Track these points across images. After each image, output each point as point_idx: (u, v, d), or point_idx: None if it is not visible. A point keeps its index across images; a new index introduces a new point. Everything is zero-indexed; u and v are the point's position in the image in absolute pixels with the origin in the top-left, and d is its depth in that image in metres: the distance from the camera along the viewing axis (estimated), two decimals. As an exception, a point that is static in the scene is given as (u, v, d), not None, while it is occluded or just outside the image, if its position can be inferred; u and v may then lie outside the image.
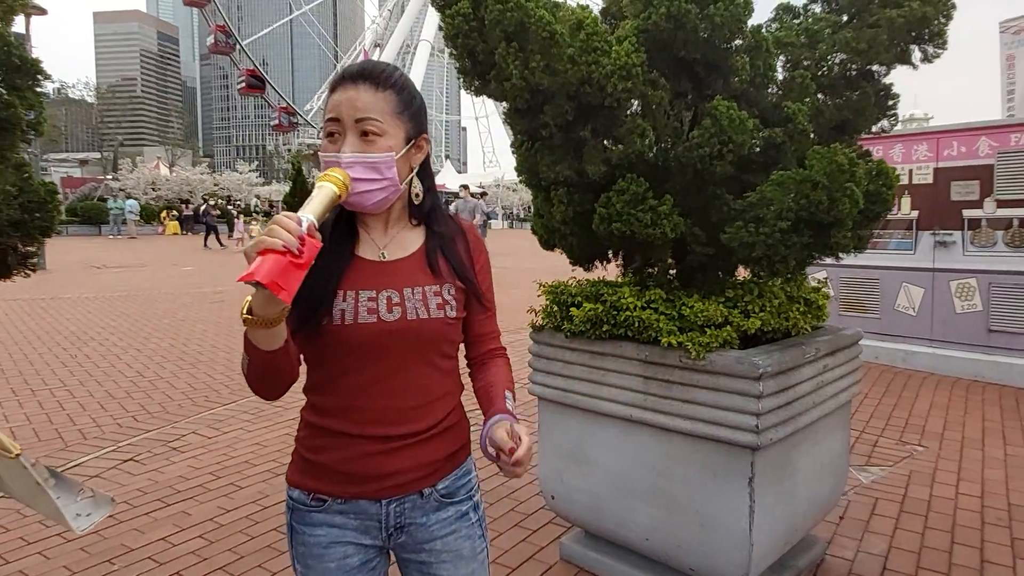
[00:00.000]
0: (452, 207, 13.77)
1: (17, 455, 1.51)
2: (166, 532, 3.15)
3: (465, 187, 15.70)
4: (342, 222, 1.30)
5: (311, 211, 1.05)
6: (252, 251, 0.97)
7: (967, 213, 6.18)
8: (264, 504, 3.47)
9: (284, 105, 66.87)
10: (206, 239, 26.09)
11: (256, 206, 38.98)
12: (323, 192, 1.10)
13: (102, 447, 4.30)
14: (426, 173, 1.35)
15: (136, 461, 4.07)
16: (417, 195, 1.32)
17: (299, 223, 0.99)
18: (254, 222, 27.61)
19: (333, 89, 1.24)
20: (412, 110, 1.27)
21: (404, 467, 1.27)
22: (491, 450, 1.25)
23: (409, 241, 1.33)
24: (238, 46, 62.83)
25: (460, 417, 1.38)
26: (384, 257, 1.30)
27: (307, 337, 1.23)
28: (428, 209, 1.35)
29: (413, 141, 1.28)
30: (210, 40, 62.41)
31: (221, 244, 25.77)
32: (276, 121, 66.97)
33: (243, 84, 63.24)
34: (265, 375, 1.14)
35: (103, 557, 2.93)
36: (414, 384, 1.28)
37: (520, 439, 1.21)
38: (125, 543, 3.05)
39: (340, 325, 1.21)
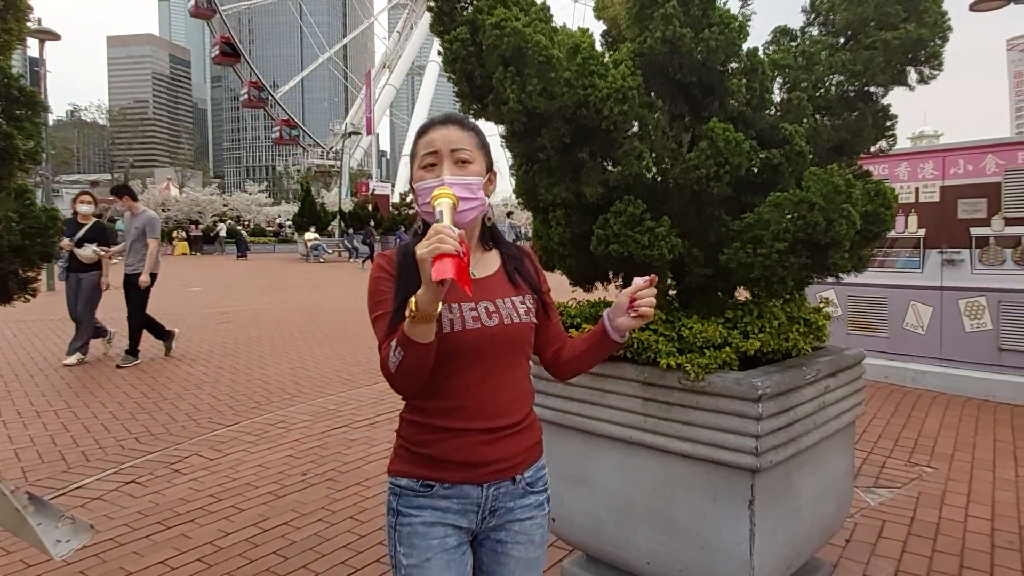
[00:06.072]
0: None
1: None
2: (165, 555, 3.14)
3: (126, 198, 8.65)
4: None
5: (448, 222, 1.24)
6: (429, 256, 1.17)
7: (975, 231, 6.14)
8: (264, 527, 3.46)
9: (254, 80, 68.41)
10: (364, 261, 27.77)
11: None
12: (447, 206, 1.29)
13: (104, 469, 4.30)
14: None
15: (138, 483, 4.06)
16: (489, 218, 1.60)
17: (454, 234, 1.18)
18: None
19: (423, 133, 1.50)
20: (486, 149, 1.54)
21: (503, 455, 1.49)
22: (619, 319, 1.51)
23: (489, 262, 1.58)
24: (218, 13, 64.52)
25: (535, 416, 1.63)
26: (475, 276, 1.48)
27: None
28: (492, 234, 1.62)
29: (488, 174, 1.55)
30: (191, 4, 64.26)
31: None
32: (246, 95, 68.33)
33: (217, 52, 64.84)
34: (416, 369, 1.33)
35: (102, 581, 2.91)
36: (507, 382, 1.51)
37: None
38: (124, 566, 3.03)
39: (450, 332, 1.41)
